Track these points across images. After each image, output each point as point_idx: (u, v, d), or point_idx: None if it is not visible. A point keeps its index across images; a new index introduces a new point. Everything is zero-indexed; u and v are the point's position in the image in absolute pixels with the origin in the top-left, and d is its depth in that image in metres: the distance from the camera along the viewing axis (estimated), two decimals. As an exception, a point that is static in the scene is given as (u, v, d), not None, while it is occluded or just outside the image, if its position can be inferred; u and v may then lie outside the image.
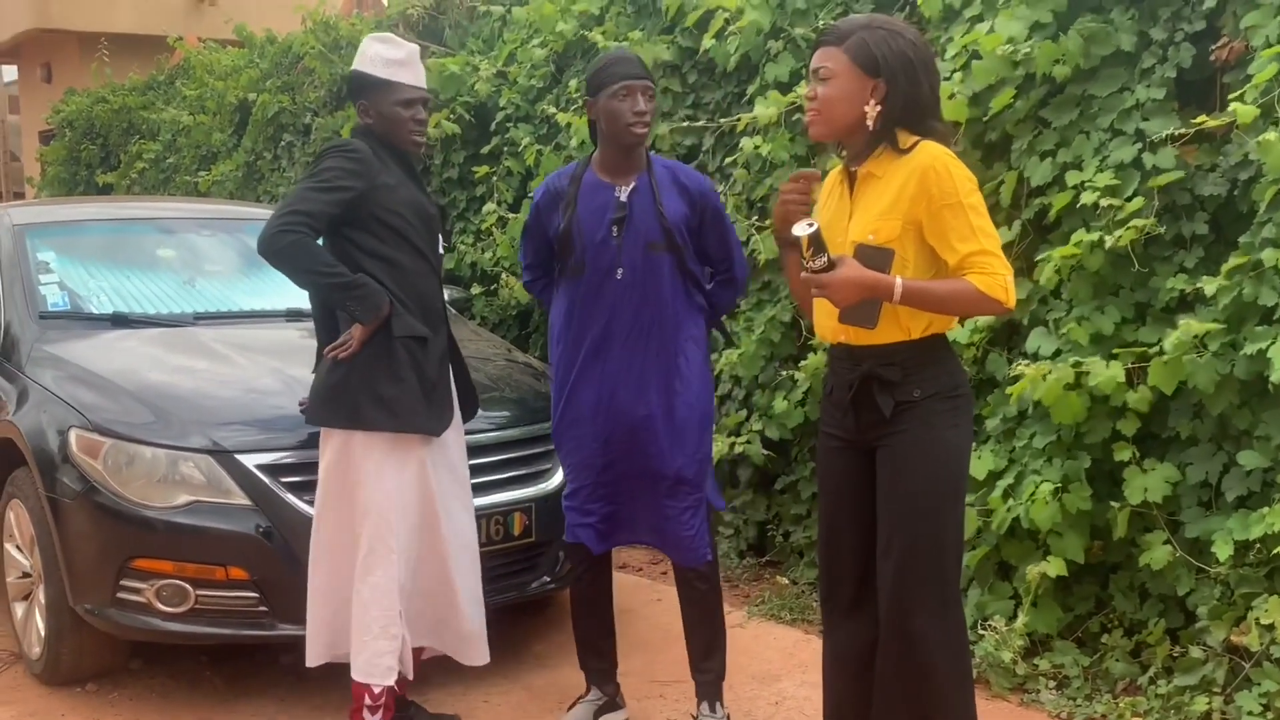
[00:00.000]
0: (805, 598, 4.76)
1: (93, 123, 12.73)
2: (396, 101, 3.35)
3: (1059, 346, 3.94)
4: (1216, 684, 3.50)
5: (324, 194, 3.22)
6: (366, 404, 3.26)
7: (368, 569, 3.30)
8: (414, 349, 3.31)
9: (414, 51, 3.42)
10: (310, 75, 8.73)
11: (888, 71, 2.64)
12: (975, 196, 2.66)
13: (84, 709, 3.89)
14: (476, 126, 6.97)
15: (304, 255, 3.19)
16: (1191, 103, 3.88)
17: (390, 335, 3.26)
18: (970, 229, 2.62)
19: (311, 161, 3.32)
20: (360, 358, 3.26)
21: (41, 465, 3.88)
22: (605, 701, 3.69)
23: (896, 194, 2.66)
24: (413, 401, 3.29)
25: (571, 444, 3.53)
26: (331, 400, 3.31)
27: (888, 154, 2.70)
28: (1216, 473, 3.66)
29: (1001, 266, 2.64)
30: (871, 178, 2.72)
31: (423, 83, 3.43)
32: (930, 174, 2.62)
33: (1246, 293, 3.50)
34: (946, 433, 2.72)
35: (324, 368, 3.35)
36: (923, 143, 2.66)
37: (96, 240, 5.14)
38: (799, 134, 4.94)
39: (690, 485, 3.48)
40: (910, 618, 2.70)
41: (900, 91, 2.65)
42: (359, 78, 3.39)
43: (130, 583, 3.69)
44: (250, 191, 9.38)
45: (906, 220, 2.65)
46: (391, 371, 3.27)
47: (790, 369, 4.94)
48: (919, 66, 2.65)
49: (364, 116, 3.41)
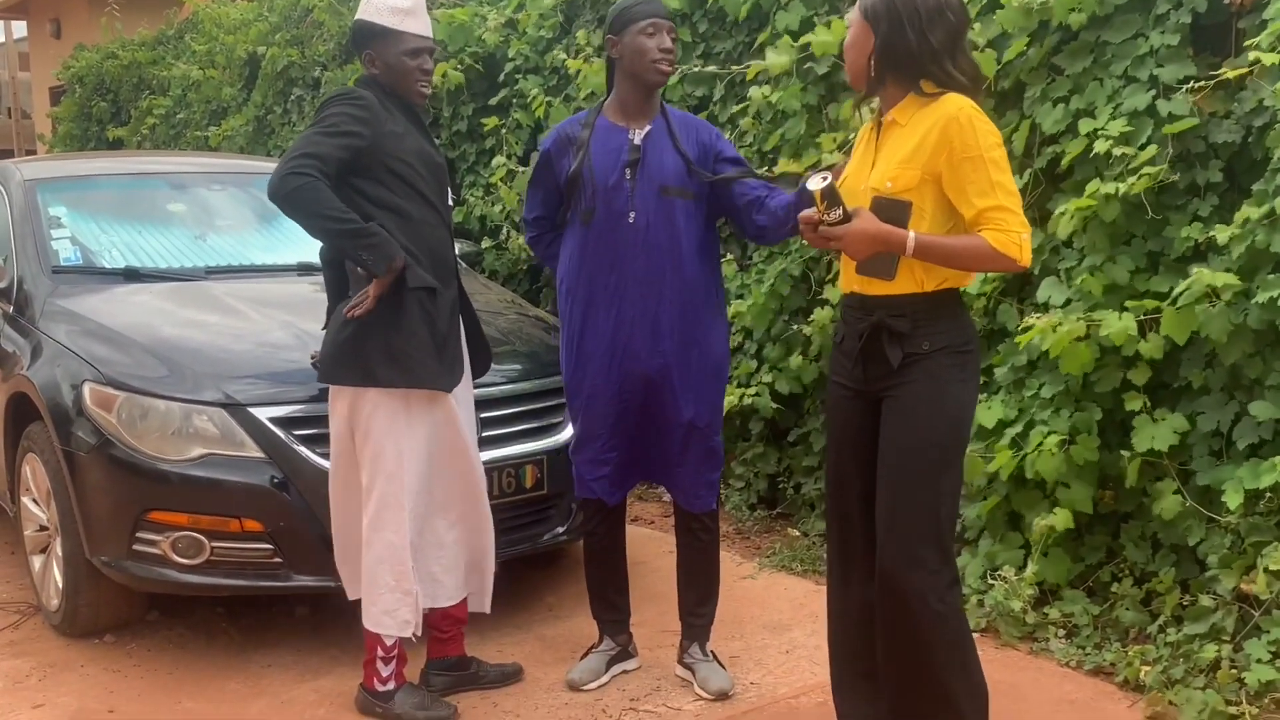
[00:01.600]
0: (815, 549, 4.78)
1: (103, 79, 12.70)
2: (403, 51, 3.30)
3: (1070, 296, 3.92)
4: (1226, 632, 3.52)
5: (333, 139, 3.17)
6: (378, 360, 3.23)
7: (378, 525, 3.30)
8: (425, 301, 3.27)
9: (421, 1, 3.37)
10: (319, 28, 8.69)
11: (873, 19, 2.68)
12: (998, 151, 2.64)
13: (102, 660, 3.94)
14: (485, 78, 6.93)
15: (315, 199, 3.11)
16: (1206, 49, 3.84)
17: (403, 287, 3.22)
18: (989, 184, 2.61)
19: (317, 110, 3.29)
20: (370, 313, 3.24)
21: (56, 419, 3.91)
22: (618, 651, 3.73)
23: (918, 143, 2.65)
24: (424, 356, 3.26)
25: (586, 393, 3.51)
26: (342, 358, 3.28)
27: (914, 102, 2.69)
28: (1228, 422, 3.65)
29: (1018, 224, 2.62)
30: (896, 125, 2.73)
31: (429, 32, 3.38)
32: (953, 125, 2.61)
33: (1259, 240, 3.48)
34: (953, 387, 2.72)
35: (334, 325, 3.33)
36: (949, 94, 2.65)
37: (108, 195, 5.15)
38: (810, 83, 4.90)
39: (702, 433, 3.50)
40: (903, 570, 2.71)
41: (883, 39, 2.67)
42: (364, 27, 3.33)
43: (146, 535, 3.73)
44: (260, 146, 9.36)
45: (926, 171, 2.64)
46: (402, 325, 3.23)
47: (800, 322, 4.93)
48: (905, 16, 2.64)
49: (369, 66, 3.35)
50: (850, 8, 2.77)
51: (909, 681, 2.78)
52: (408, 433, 3.29)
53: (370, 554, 3.33)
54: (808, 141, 4.93)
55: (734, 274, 5.24)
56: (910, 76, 2.69)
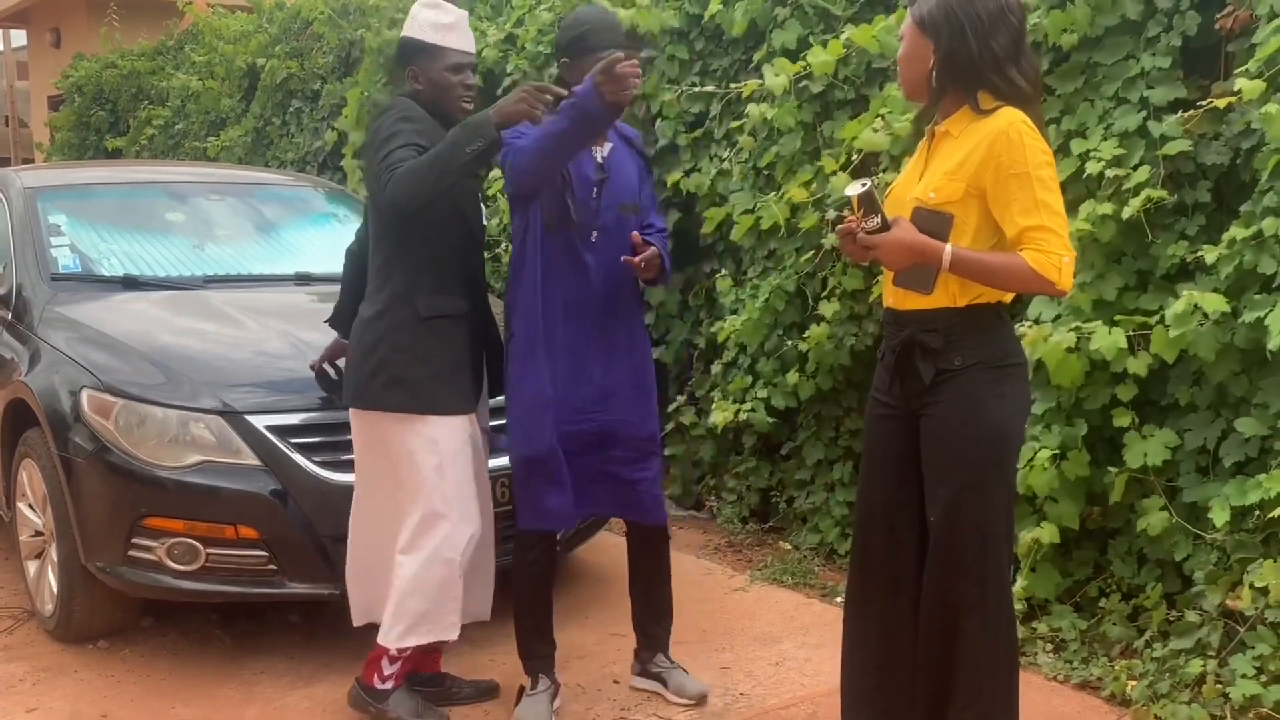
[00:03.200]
0: (807, 563, 4.82)
1: (102, 88, 12.76)
2: (446, 67, 3.31)
3: (1060, 312, 3.97)
4: (1211, 647, 3.55)
5: (404, 150, 3.11)
6: (389, 387, 3.25)
7: (416, 544, 3.28)
8: (444, 327, 3.29)
9: (463, 16, 3.36)
10: (319, 41, 8.75)
11: (933, 31, 2.63)
12: (1047, 170, 2.59)
13: (96, 665, 3.96)
14: (483, 91, 6.96)
15: (409, 177, 3.04)
16: (1196, 71, 3.89)
17: (417, 316, 3.25)
18: (1035, 203, 2.56)
19: (381, 119, 3.23)
20: (386, 337, 3.25)
21: (54, 425, 3.94)
22: (555, 688, 3.60)
23: (966, 155, 2.61)
24: (435, 385, 3.26)
25: (538, 414, 3.37)
26: (356, 380, 3.31)
27: (968, 115, 2.66)
28: (1215, 439, 3.70)
29: (1060, 246, 2.56)
30: (948, 137, 2.69)
31: (472, 47, 3.38)
32: (1002, 139, 2.57)
33: (1247, 260, 3.53)
34: (990, 403, 2.65)
35: (353, 341, 3.35)
36: (1003, 108, 2.61)
37: (107, 204, 5.19)
38: (805, 101, 4.95)
39: (655, 445, 3.53)
40: (951, 593, 2.70)
41: (945, 50, 2.62)
42: (409, 43, 3.34)
43: (142, 541, 3.75)
44: (259, 157, 9.41)
45: (971, 184, 2.61)
46: (417, 353, 3.25)
47: (794, 338, 4.97)
48: (967, 24, 2.58)
49: (413, 82, 3.35)
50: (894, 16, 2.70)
51: (944, 691, 2.76)
52: (432, 452, 3.27)
53: (402, 571, 3.30)
54: (802, 159, 4.98)
55: (729, 289, 5.28)
56: (971, 86, 2.64)
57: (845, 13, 5.00)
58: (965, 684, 2.73)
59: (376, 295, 3.31)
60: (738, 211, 5.22)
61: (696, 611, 4.39)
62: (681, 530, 5.41)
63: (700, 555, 5.06)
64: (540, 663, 3.59)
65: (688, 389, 5.69)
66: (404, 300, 3.27)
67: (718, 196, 5.46)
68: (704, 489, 5.68)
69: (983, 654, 2.72)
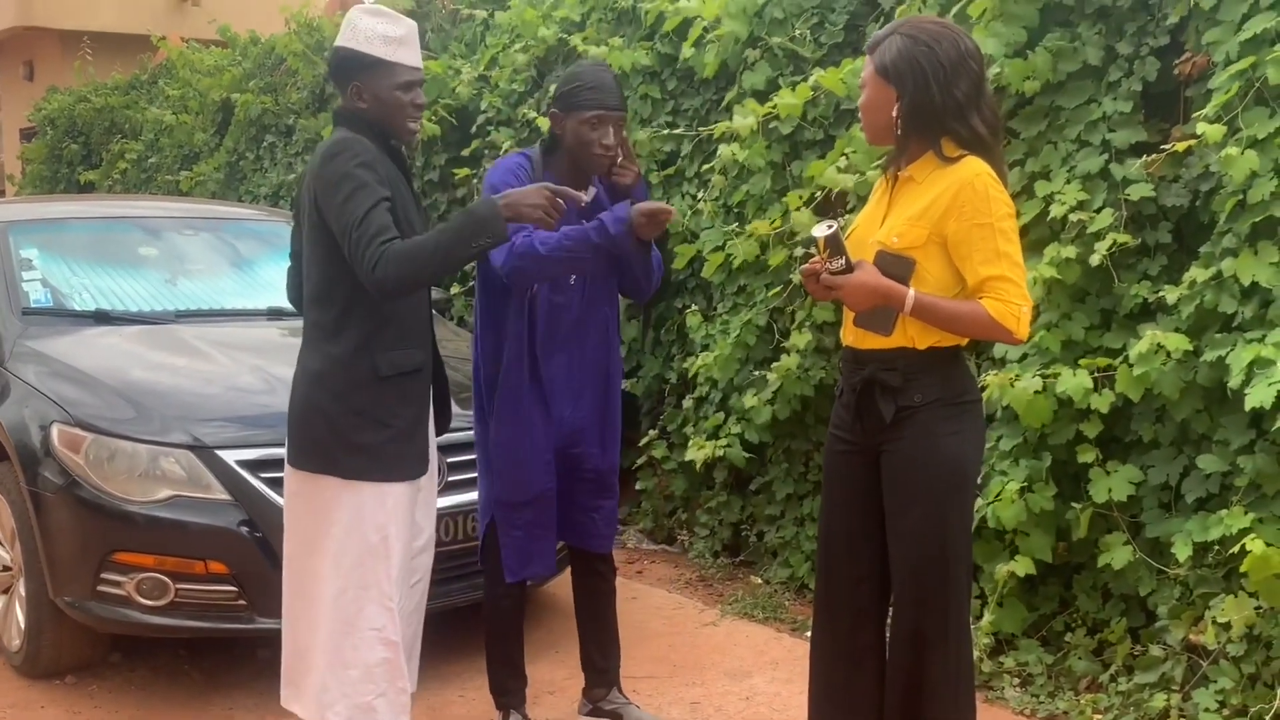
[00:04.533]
0: (777, 597, 4.84)
1: (75, 121, 12.73)
2: (395, 85, 2.98)
3: (1026, 351, 4.02)
4: (1175, 681, 3.59)
5: (379, 207, 2.85)
6: (343, 452, 2.97)
7: (353, 619, 2.99)
8: (402, 384, 3.02)
9: (413, 28, 3.05)
10: (293, 76, 8.78)
11: (896, 78, 2.66)
12: (1009, 222, 2.65)
13: (63, 701, 3.93)
14: (457, 129, 7.03)
15: (406, 263, 2.80)
16: (1157, 115, 3.98)
17: (375, 375, 2.96)
18: (996, 253, 2.61)
19: (333, 166, 2.90)
20: (342, 397, 2.96)
21: (23, 459, 3.94)
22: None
23: (930, 203, 2.66)
24: (398, 447, 3.00)
25: (529, 460, 3.38)
26: (305, 439, 3.02)
27: (932, 161, 2.70)
28: (1177, 475, 3.75)
29: (1019, 296, 2.63)
30: (911, 182, 2.74)
31: (420, 63, 3.07)
32: (967, 190, 2.62)
33: (1208, 300, 3.60)
34: (946, 440, 2.72)
35: (296, 396, 3.06)
36: (968, 157, 2.66)
37: (79, 238, 5.20)
38: (774, 141, 5.02)
39: (614, 477, 3.58)
40: (917, 624, 2.75)
41: (909, 98, 2.65)
42: (352, 57, 2.99)
43: (111, 576, 3.75)
44: (232, 191, 9.42)
45: (934, 231, 2.65)
46: (376, 415, 2.97)
47: (764, 370, 5.01)
48: (930, 72, 2.62)
49: (355, 100, 3.01)
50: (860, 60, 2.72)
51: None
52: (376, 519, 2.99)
53: (344, 644, 3.01)
54: (772, 197, 5.04)
55: (699, 324, 5.32)
56: (934, 133, 2.68)
57: (814, 55, 5.08)
58: (931, 713, 2.77)
59: (326, 346, 2.99)
60: (708, 248, 5.27)
61: (667, 646, 4.41)
62: (653, 564, 5.43)
63: (671, 589, 5.07)
64: (512, 698, 3.60)
65: (659, 423, 5.72)
66: (359, 356, 2.96)
67: (689, 233, 5.51)
68: (675, 523, 5.70)
69: (947, 683, 2.77)
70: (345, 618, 2.99)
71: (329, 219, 2.90)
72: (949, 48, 2.65)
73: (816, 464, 5.00)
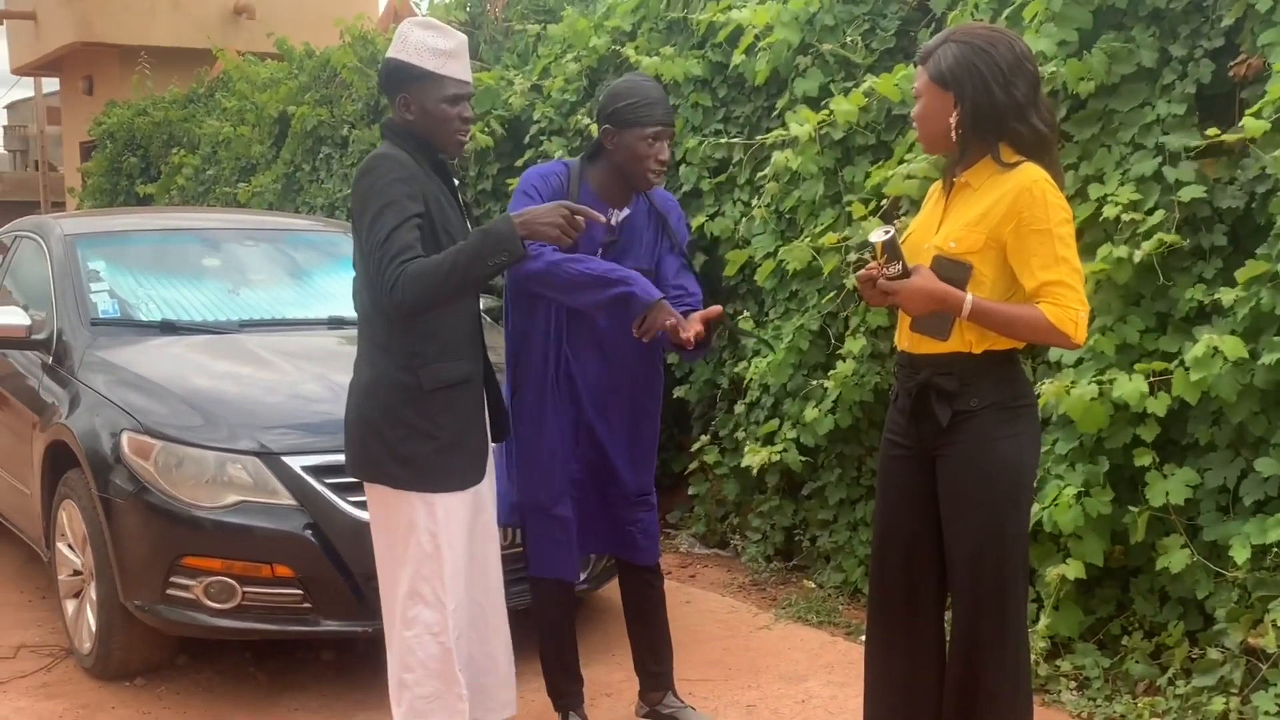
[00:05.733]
0: (831, 601, 4.86)
1: (134, 134, 12.98)
2: (443, 98, 3.01)
3: (1082, 355, 4.02)
4: (1234, 685, 3.58)
5: (405, 225, 2.89)
6: (392, 462, 3.03)
7: (408, 619, 3.06)
8: (449, 396, 3.04)
9: (463, 42, 3.06)
10: (348, 89, 8.91)
11: (955, 85, 2.68)
12: (1066, 227, 2.67)
13: (132, 702, 4.03)
14: (510, 139, 7.11)
15: (422, 282, 2.83)
16: (1211, 117, 3.96)
17: (420, 388, 3.00)
18: (1054, 258, 2.63)
19: (365, 183, 2.95)
20: (389, 411, 3.02)
21: (94, 466, 4.04)
22: None
23: (988, 209, 2.68)
24: (444, 459, 3.04)
25: (547, 463, 3.43)
26: (359, 448, 3.10)
27: (989, 167, 2.72)
28: (1234, 478, 3.74)
29: (1077, 301, 2.64)
30: (967, 188, 2.76)
31: (470, 77, 3.10)
32: (1025, 195, 2.64)
33: (1264, 303, 3.58)
34: (1002, 444, 2.73)
35: (350, 407, 3.13)
36: (1025, 164, 2.68)
37: (144, 250, 5.33)
38: (827, 147, 5.04)
39: (649, 493, 3.59)
40: (975, 628, 2.77)
41: (970, 102, 2.67)
42: (402, 69, 3.02)
43: (180, 580, 3.84)
44: (289, 203, 9.56)
45: (991, 236, 2.67)
46: (421, 428, 3.01)
47: (819, 377, 5.03)
48: (989, 74, 2.64)
49: (403, 112, 3.05)
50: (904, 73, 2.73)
51: None
52: (430, 528, 3.04)
53: (402, 645, 3.08)
54: (824, 203, 5.07)
55: (752, 329, 5.35)
56: (993, 137, 2.69)
57: (865, 61, 5.10)
58: (988, 717, 2.79)
59: (375, 359, 3.06)
60: (760, 255, 5.31)
61: (721, 649, 4.44)
62: (706, 569, 5.47)
63: (725, 593, 5.11)
64: (569, 699, 3.65)
65: (711, 428, 5.76)
66: (405, 370, 3.00)
67: (740, 240, 5.55)
68: (728, 528, 5.73)
69: (1004, 687, 2.79)
70: (406, 619, 3.07)
71: (359, 236, 2.97)
72: (1005, 50, 2.67)
73: (870, 468, 5.01)
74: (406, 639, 3.06)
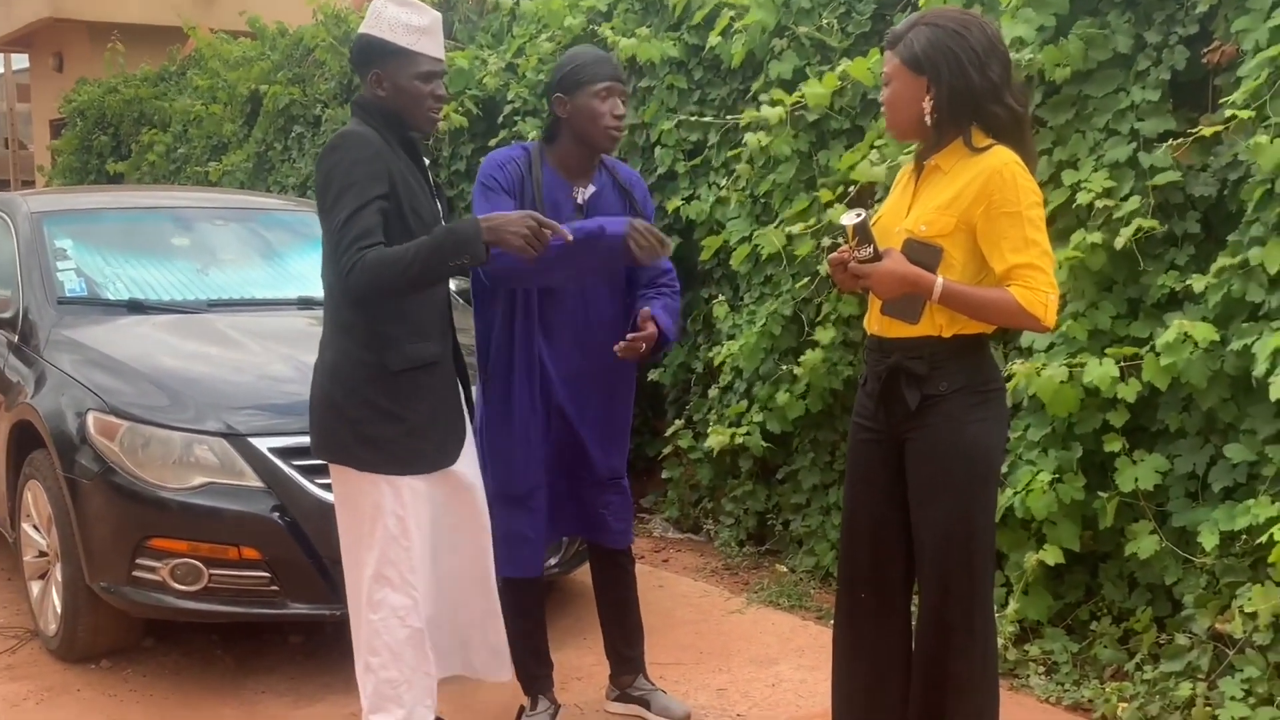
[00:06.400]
0: (803, 585, 4.86)
1: (104, 112, 12.84)
2: (417, 74, 2.98)
3: (1053, 341, 4.03)
4: (1201, 670, 3.60)
5: (367, 209, 2.84)
6: (357, 444, 2.99)
7: (374, 603, 3.03)
8: (416, 377, 3.01)
9: (437, 19, 3.04)
10: (321, 67, 8.84)
11: (930, 68, 2.66)
12: (1036, 210, 2.66)
13: (98, 684, 4.00)
14: (484, 119, 7.06)
15: (380, 272, 2.80)
16: (1185, 104, 3.96)
17: (386, 369, 2.96)
18: (1025, 240, 2.63)
19: (328, 162, 2.91)
20: (355, 391, 2.98)
21: (60, 447, 3.99)
22: (556, 709, 3.63)
23: (958, 191, 2.67)
24: (411, 442, 3.00)
25: (523, 451, 3.40)
26: (323, 429, 3.07)
27: (959, 150, 2.71)
28: (1204, 464, 3.75)
29: (1047, 284, 2.64)
30: (938, 171, 2.75)
31: (443, 54, 3.06)
32: (995, 178, 2.63)
33: (1235, 289, 3.59)
34: (971, 428, 2.73)
35: (314, 388, 3.09)
36: (996, 147, 2.67)
37: (112, 228, 5.26)
38: (801, 131, 5.03)
39: (621, 476, 3.58)
40: (943, 612, 2.77)
41: (945, 85, 2.66)
42: (375, 45, 2.98)
43: (146, 561, 3.80)
44: (260, 182, 9.49)
45: (962, 219, 2.67)
46: (388, 410, 2.98)
47: (790, 363, 5.03)
48: (965, 57, 2.63)
49: (375, 88, 3.00)
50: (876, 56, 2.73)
51: (936, 708, 2.82)
52: (396, 509, 3.01)
53: (368, 627, 3.05)
54: (798, 187, 5.06)
55: (725, 314, 5.34)
56: (968, 120, 2.69)
57: (841, 44, 5.09)
58: (956, 702, 2.79)
59: (340, 340, 3.03)
60: (735, 239, 5.29)
61: (694, 633, 4.44)
62: (679, 553, 5.47)
63: (697, 577, 5.10)
64: (540, 683, 3.63)
65: (685, 412, 5.75)
66: (371, 351, 2.97)
67: (715, 223, 5.53)
68: (701, 512, 5.73)
69: (972, 671, 2.79)
70: (372, 602, 3.04)
71: (321, 216, 2.95)
72: (979, 33, 2.66)
73: (842, 453, 5.01)
74: (373, 622, 3.04)
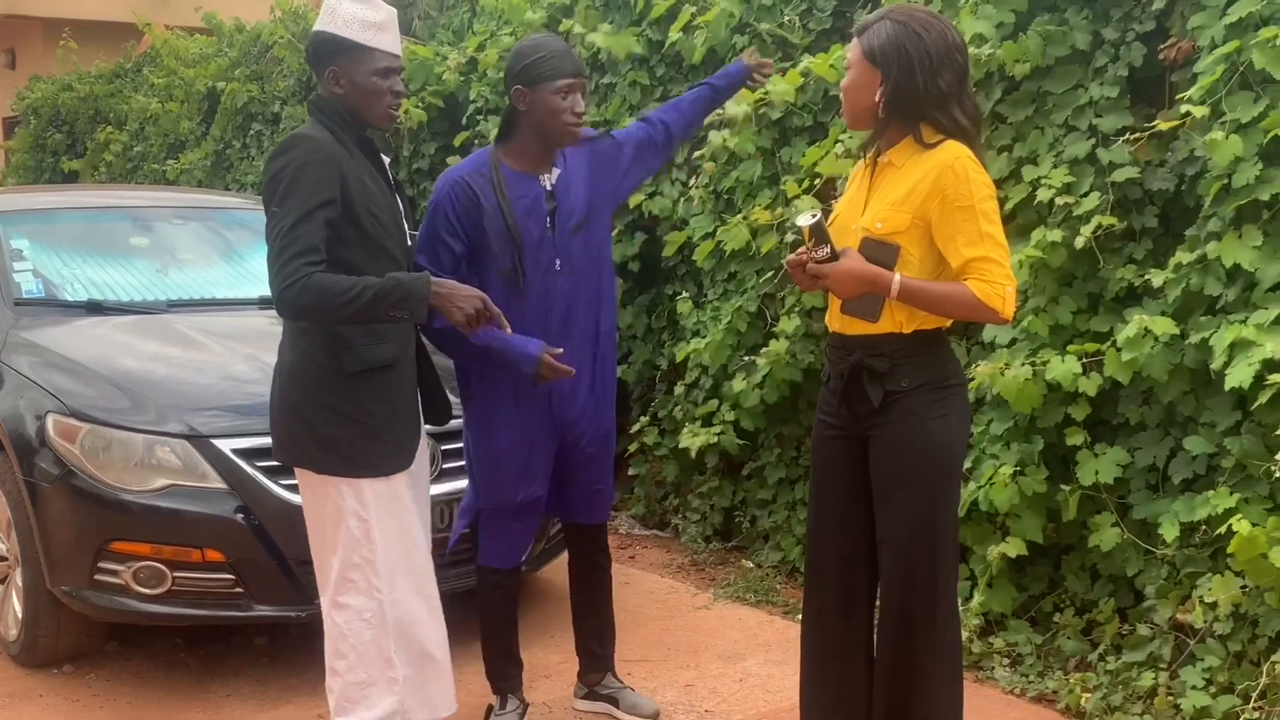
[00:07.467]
0: (769, 580, 4.88)
1: (59, 110, 12.67)
2: (374, 70, 2.96)
3: (1015, 336, 4.06)
4: (1163, 660, 3.64)
5: (310, 219, 2.82)
6: (315, 447, 2.99)
7: (339, 605, 3.03)
8: (373, 379, 2.99)
9: (393, 14, 3.02)
10: (279, 65, 8.76)
11: (883, 63, 2.68)
12: (990, 203, 2.67)
13: (61, 690, 3.95)
14: (446, 118, 7.03)
15: (319, 298, 2.78)
16: (1142, 100, 4.01)
17: (343, 372, 2.95)
18: (979, 234, 2.64)
19: (275, 165, 2.89)
20: (312, 394, 2.99)
21: (19, 450, 3.94)
22: (525, 708, 3.64)
23: (912, 187, 2.69)
24: (368, 445, 2.99)
25: (518, 463, 3.39)
26: (283, 432, 3.07)
27: (911, 146, 2.73)
28: (1164, 457, 3.80)
29: (1003, 277, 2.65)
30: (891, 167, 2.76)
31: (400, 49, 3.04)
32: (948, 173, 2.64)
33: (1193, 284, 3.64)
34: (933, 423, 2.75)
35: (274, 390, 3.09)
36: (947, 141, 2.68)
37: (70, 228, 5.20)
38: (764, 128, 5.04)
39: (612, 438, 3.57)
40: (907, 606, 2.78)
41: (893, 83, 2.68)
42: (330, 41, 2.96)
43: (108, 565, 3.76)
44: (219, 180, 9.40)
45: (916, 215, 2.68)
46: (345, 412, 2.97)
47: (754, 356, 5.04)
48: (916, 59, 2.64)
49: (332, 85, 2.98)
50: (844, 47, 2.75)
51: (901, 703, 2.83)
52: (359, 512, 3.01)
53: (334, 629, 3.05)
54: (762, 184, 5.07)
55: (690, 311, 5.35)
56: (914, 120, 2.70)
57: (802, 41, 5.10)
58: (920, 696, 2.81)
59: (297, 341, 3.02)
60: (698, 235, 5.30)
61: (661, 630, 4.45)
62: (645, 549, 5.47)
63: (664, 574, 5.11)
64: (508, 683, 3.63)
65: (650, 409, 5.75)
66: (326, 353, 2.95)
67: (679, 220, 5.53)
68: (667, 508, 5.74)
69: (937, 664, 2.81)
70: (337, 604, 3.04)
71: (267, 217, 2.91)
72: (937, 38, 2.67)
73: (807, 449, 5.02)
74: (338, 624, 3.03)
